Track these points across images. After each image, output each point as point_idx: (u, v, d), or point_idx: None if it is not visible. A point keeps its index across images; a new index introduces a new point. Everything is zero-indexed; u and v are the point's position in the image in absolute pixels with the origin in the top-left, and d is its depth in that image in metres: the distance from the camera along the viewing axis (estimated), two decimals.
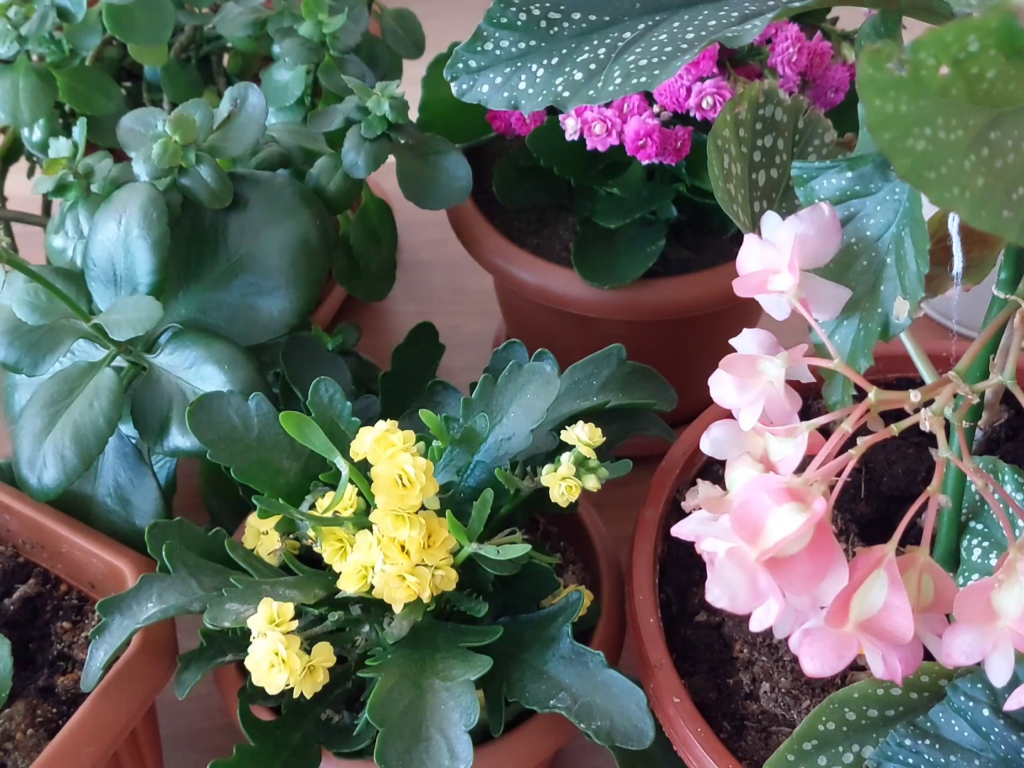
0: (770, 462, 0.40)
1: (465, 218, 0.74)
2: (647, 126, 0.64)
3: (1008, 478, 0.48)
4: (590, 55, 0.38)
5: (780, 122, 0.49)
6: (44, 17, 0.67)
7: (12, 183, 0.78)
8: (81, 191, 0.64)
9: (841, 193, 0.43)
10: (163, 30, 0.70)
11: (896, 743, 0.44)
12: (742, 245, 0.42)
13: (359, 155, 0.65)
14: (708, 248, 0.72)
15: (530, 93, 0.38)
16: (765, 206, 0.48)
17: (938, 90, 0.29)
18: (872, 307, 0.41)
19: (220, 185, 0.62)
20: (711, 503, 0.39)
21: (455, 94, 0.40)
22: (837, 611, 0.37)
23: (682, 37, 0.37)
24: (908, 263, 0.40)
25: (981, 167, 0.29)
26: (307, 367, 0.63)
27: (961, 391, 0.39)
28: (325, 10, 0.69)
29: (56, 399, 0.59)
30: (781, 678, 0.54)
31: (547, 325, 0.75)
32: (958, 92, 0.29)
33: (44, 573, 0.63)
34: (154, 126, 0.62)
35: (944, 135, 0.29)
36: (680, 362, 0.70)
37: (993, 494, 0.44)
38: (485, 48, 0.39)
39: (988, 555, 0.48)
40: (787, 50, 0.65)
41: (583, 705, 0.51)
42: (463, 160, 0.68)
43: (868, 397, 0.39)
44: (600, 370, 0.61)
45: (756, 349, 0.41)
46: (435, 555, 0.51)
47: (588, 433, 0.54)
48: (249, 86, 0.64)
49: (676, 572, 0.59)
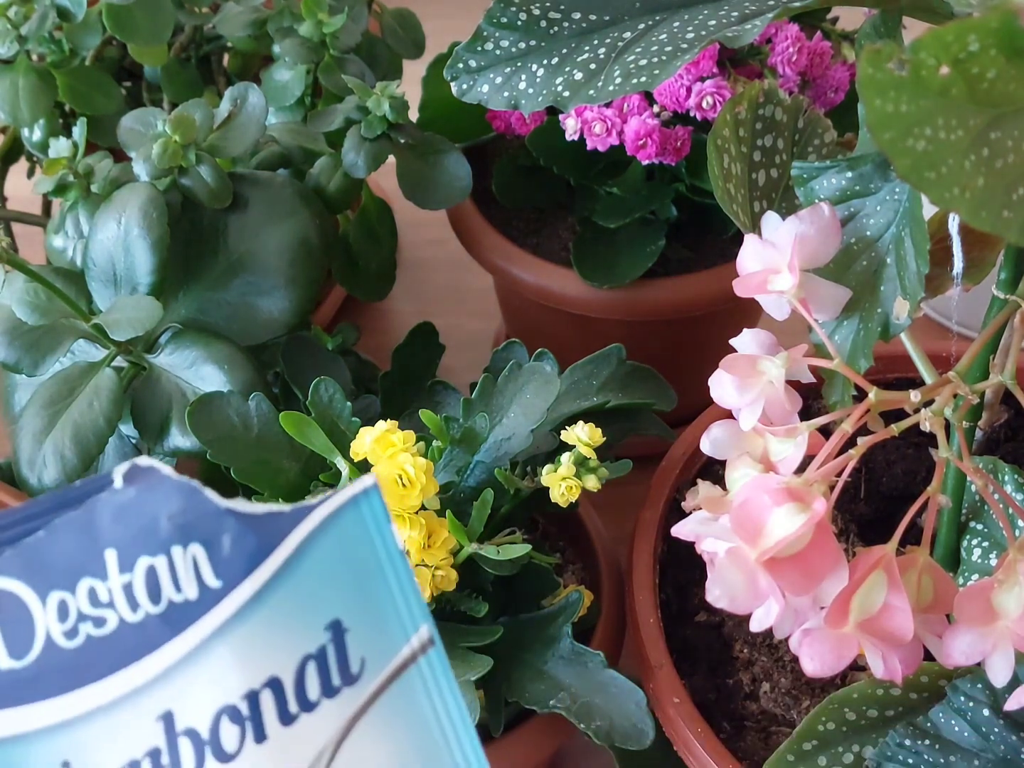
0: (770, 462, 0.40)
1: (465, 218, 0.74)
2: (647, 126, 0.64)
3: (1008, 478, 0.48)
4: (590, 55, 0.38)
5: (780, 122, 0.49)
6: (44, 17, 0.67)
7: (12, 183, 0.78)
8: (81, 191, 0.64)
9: (841, 193, 0.43)
10: (163, 30, 0.70)
11: (896, 743, 0.44)
12: (742, 245, 0.42)
13: (359, 155, 0.65)
14: (708, 248, 0.72)
15: (530, 93, 0.38)
16: (765, 206, 0.48)
17: (938, 90, 0.29)
18: (872, 307, 0.41)
19: (220, 185, 0.62)
20: (711, 503, 0.39)
21: (455, 94, 0.40)
22: (837, 611, 0.37)
23: (682, 37, 0.37)
24: (908, 263, 0.40)
25: (981, 167, 0.29)
26: (307, 367, 0.63)
27: (961, 391, 0.39)
28: (325, 10, 0.69)
29: (56, 399, 0.59)
30: (781, 678, 0.54)
31: (547, 325, 0.75)
32: (958, 92, 0.29)
33: None
34: (154, 126, 0.62)
35: (944, 135, 0.29)
36: (680, 362, 0.70)
37: (993, 494, 0.44)
38: (485, 48, 0.39)
39: (988, 555, 0.48)
40: (787, 50, 0.65)
41: (583, 705, 0.51)
42: (463, 160, 0.68)
43: (868, 397, 0.39)
44: (600, 370, 0.61)
45: (756, 349, 0.41)
46: (435, 555, 0.51)
47: (588, 433, 0.54)
48: (249, 86, 0.64)
49: (676, 572, 0.59)
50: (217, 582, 0.27)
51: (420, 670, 0.27)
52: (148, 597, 0.27)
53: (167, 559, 0.27)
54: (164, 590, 0.27)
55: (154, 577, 0.27)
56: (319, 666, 0.27)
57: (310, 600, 0.27)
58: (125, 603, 0.27)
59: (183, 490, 0.27)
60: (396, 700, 0.27)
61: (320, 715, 0.27)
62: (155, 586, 0.27)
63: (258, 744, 0.26)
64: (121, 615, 0.27)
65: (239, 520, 0.27)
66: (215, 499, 0.28)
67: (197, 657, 0.27)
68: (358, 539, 0.28)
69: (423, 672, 0.27)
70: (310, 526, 0.28)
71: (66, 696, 0.26)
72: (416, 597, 0.28)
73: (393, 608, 0.28)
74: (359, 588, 0.27)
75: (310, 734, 0.26)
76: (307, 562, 0.27)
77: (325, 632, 0.27)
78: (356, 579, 0.28)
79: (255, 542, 0.27)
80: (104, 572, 0.27)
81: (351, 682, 0.27)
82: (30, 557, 0.27)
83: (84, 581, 0.27)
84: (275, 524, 0.28)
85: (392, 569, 0.28)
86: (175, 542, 0.27)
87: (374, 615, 0.27)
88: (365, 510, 0.28)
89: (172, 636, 0.27)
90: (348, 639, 0.27)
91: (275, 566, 0.27)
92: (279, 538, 0.27)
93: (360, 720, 0.27)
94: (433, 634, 0.28)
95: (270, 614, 0.27)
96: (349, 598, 0.27)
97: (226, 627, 0.27)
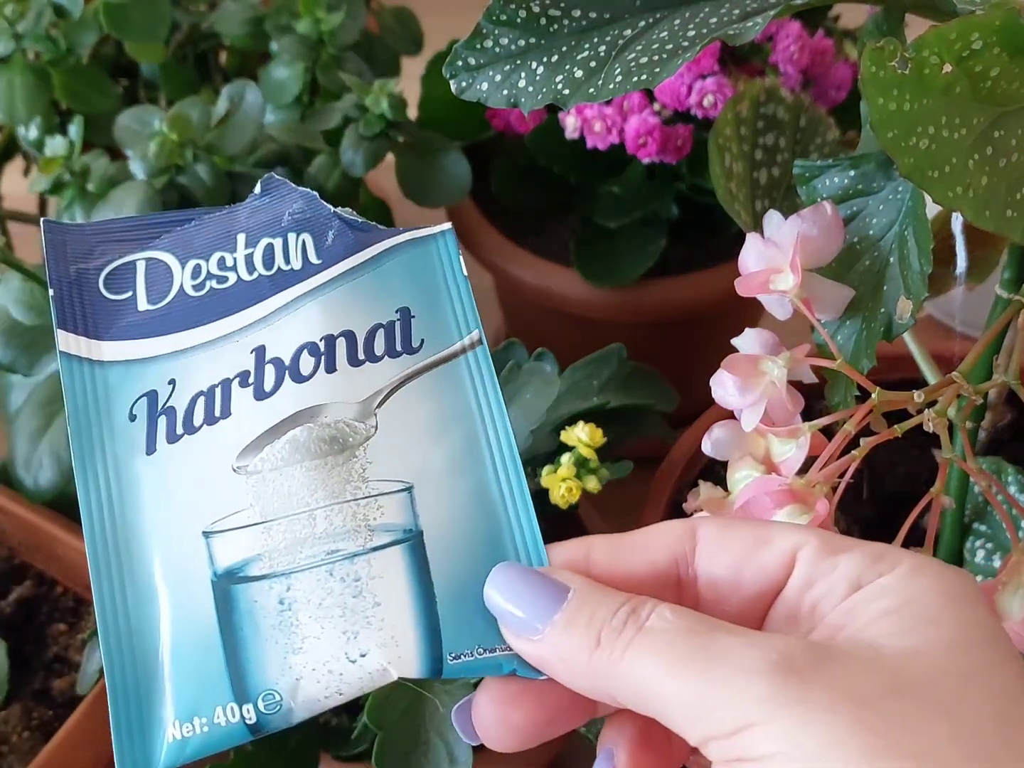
0: (772, 463, 0.39)
1: (464, 217, 0.73)
2: (648, 124, 0.64)
3: (1012, 479, 0.47)
4: (590, 53, 0.38)
5: (782, 120, 0.49)
6: (40, 15, 0.67)
7: (8, 181, 0.77)
8: (77, 189, 0.64)
9: (843, 192, 0.42)
10: (160, 27, 0.69)
11: None
12: (744, 244, 0.42)
13: (357, 153, 0.65)
14: (709, 248, 0.71)
15: (530, 91, 0.38)
16: (767, 205, 0.48)
17: (941, 88, 0.28)
18: (875, 307, 0.41)
19: (217, 183, 0.61)
20: (712, 504, 0.39)
21: (454, 92, 0.39)
22: None
23: (683, 35, 0.37)
24: (911, 262, 0.40)
25: (985, 166, 0.29)
26: None
27: (964, 392, 0.39)
28: (323, 7, 0.69)
29: (52, 399, 0.58)
30: None
31: (547, 325, 0.75)
32: (961, 90, 0.29)
33: (40, 575, 0.63)
34: (151, 124, 0.62)
35: (947, 134, 0.29)
36: (681, 362, 0.69)
37: (997, 495, 0.44)
38: (484, 45, 0.39)
39: (991, 557, 0.48)
40: (789, 48, 0.65)
41: None
42: (462, 158, 0.68)
43: (871, 398, 0.38)
44: (600, 370, 0.61)
45: (758, 349, 0.41)
46: None
47: (588, 434, 0.53)
48: (247, 84, 0.64)
49: None
50: (318, 260, 0.34)
51: (468, 361, 0.34)
52: (263, 264, 0.34)
53: (283, 240, 0.35)
54: (276, 260, 0.34)
55: (271, 251, 0.35)
56: (387, 333, 0.34)
57: (387, 288, 0.34)
58: (244, 268, 0.34)
59: (305, 197, 0.35)
60: (446, 376, 0.33)
61: (382, 366, 0.33)
62: (270, 257, 0.34)
63: (328, 374, 0.33)
64: (240, 275, 0.34)
65: (344, 222, 0.35)
66: (328, 206, 0.35)
67: (291, 307, 0.34)
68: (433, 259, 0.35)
69: (470, 364, 0.34)
70: (396, 240, 0.35)
71: (185, 332, 0.33)
72: (472, 311, 0.35)
73: (453, 312, 0.34)
74: (428, 292, 0.35)
75: (371, 377, 0.33)
76: (389, 262, 0.35)
77: (396, 313, 0.34)
78: (427, 285, 0.35)
79: (352, 239, 0.35)
80: (234, 247, 0.35)
81: (412, 352, 0.34)
82: (180, 237, 0.35)
83: (216, 253, 0.34)
84: (371, 231, 0.35)
85: (456, 287, 0.35)
86: (291, 230, 0.35)
87: (437, 312, 0.34)
88: (440, 243, 0.35)
89: (275, 292, 0.34)
90: (413, 323, 0.34)
91: (364, 258, 0.35)
92: (372, 241, 0.35)
93: (414, 380, 0.33)
94: (482, 337, 0.34)
95: (354, 288, 0.34)
96: (419, 296, 0.34)
97: (318, 290, 0.34)
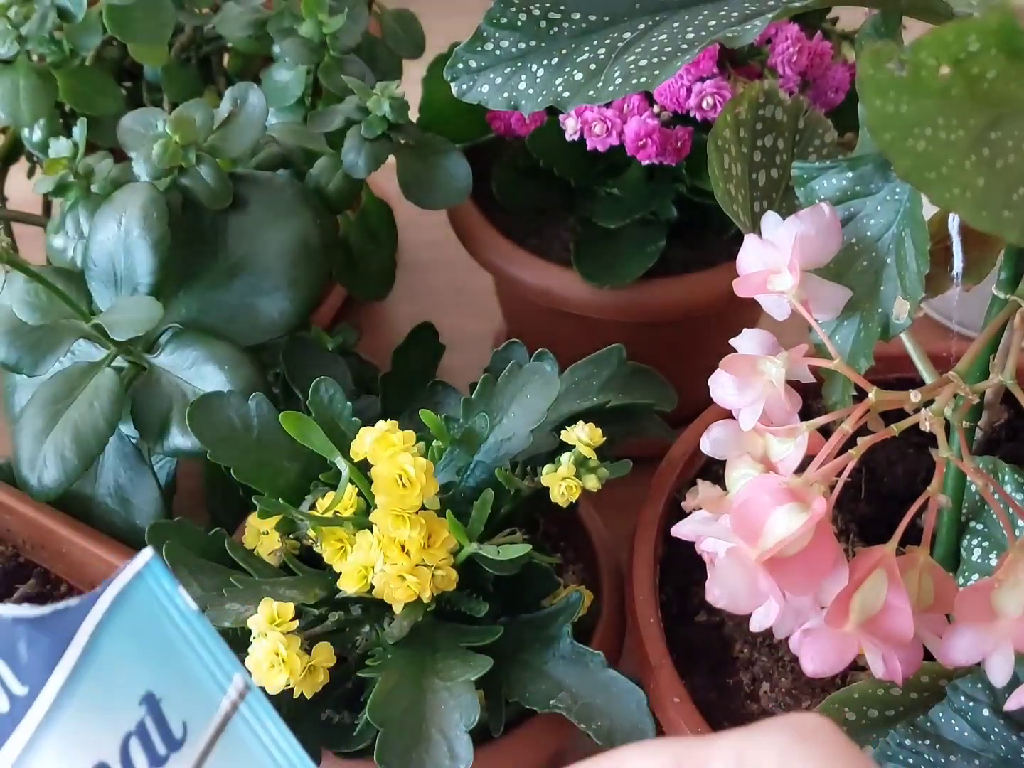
0: (770, 462, 0.40)
1: (465, 218, 0.74)
2: (647, 126, 0.64)
3: (1008, 478, 0.48)
4: (590, 55, 0.38)
5: (780, 122, 0.49)
6: (44, 17, 0.67)
7: (12, 183, 0.78)
8: (81, 191, 0.64)
9: (841, 193, 0.43)
10: (163, 30, 0.70)
11: (896, 743, 0.44)
12: (742, 245, 0.42)
13: (359, 155, 0.65)
14: (708, 248, 0.71)
15: (530, 93, 0.38)
16: (765, 206, 0.48)
17: (939, 90, 0.29)
18: (872, 307, 0.41)
19: (220, 185, 0.62)
20: (711, 503, 0.39)
21: (455, 94, 0.40)
22: (837, 611, 0.37)
23: (682, 37, 0.37)
24: (908, 263, 0.40)
25: (982, 167, 0.29)
26: (307, 367, 0.63)
27: (961, 391, 0.39)
28: (325, 10, 0.69)
29: (56, 399, 0.59)
30: (781, 678, 0.54)
31: (547, 325, 0.75)
32: (959, 92, 0.29)
33: (44, 573, 0.63)
34: (154, 126, 0.62)
35: (945, 135, 0.29)
36: (680, 362, 0.70)
37: (993, 494, 0.44)
38: (485, 48, 0.39)
39: (988, 555, 0.48)
40: (787, 50, 0.65)
41: (583, 705, 0.51)
42: (463, 160, 0.68)
43: (868, 397, 0.39)
44: (600, 370, 0.61)
45: (756, 349, 0.41)
46: (435, 555, 0.51)
47: (588, 433, 0.54)
48: (249, 86, 0.64)
49: (676, 572, 0.59)
50: (23, 688, 0.27)
51: (244, 716, 0.28)
52: None
53: None
54: None
55: None
56: (142, 740, 0.28)
57: (117, 681, 0.28)
58: None
59: None
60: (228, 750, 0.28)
61: None
62: None
63: None
64: None
65: (29, 625, 0.28)
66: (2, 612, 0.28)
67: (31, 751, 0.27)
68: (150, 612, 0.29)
69: (247, 717, 0.28)
70: (100, 612, 0.28)
71: None
72: (222, 650, 0.29)
73: (202, 667, 0.28)
74: (163, 657, 0.28)
75: None
76: (105, 646, 0.28)
77: (140, 707, 0.28)
78: (158, 650, 0.28)
79: (48, 642, 0.28)
80: None
81: (177, 747, 0.28)
82: None
83: None
84: (65, 619, 0.28)
85: (191, 631, 0.29)
86: None
87: (185, 679, 0.28)
88: (150, 582, 0.29)
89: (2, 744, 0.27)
90: (164, 708, 0.28)
91: (74, 659, 0.28)
92: (72, 631, 0.28)
93: None
94: (247, 680, 0.28)
95: (81, 705, 0.27)
96: (156, 669, 0.28)
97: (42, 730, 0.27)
